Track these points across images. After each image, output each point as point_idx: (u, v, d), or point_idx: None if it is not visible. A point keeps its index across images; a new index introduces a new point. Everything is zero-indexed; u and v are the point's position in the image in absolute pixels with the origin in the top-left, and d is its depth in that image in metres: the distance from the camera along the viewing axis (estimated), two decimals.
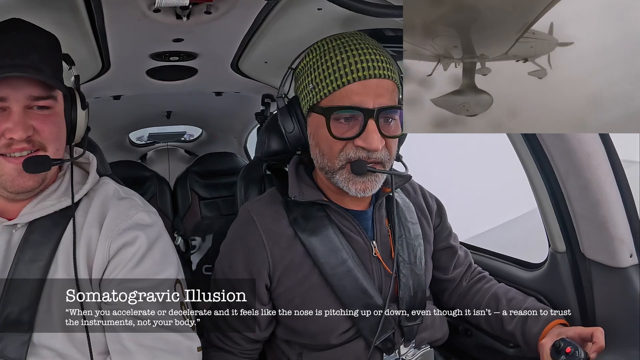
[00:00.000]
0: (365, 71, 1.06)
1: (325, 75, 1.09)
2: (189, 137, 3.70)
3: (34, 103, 0.96)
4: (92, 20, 1.27)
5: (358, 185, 1.10)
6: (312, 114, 1.13)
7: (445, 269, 1.37)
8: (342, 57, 1.08)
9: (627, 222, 1.13)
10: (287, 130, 1.17)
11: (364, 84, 1.06)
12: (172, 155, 3.61)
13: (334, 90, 1.08)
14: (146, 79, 1.97)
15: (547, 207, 1.26)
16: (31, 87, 0.94)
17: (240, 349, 1.20)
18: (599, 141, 1.09)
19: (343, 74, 1.07)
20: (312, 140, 1.15)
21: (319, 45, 1.14)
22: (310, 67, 1.12)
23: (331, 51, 1.10)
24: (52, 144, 0.98)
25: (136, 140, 3.59)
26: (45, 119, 0.97)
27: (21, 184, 0.97)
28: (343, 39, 1.12)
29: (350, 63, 1.07)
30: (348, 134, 1.07)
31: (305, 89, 1.13)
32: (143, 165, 3.39)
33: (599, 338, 1.07)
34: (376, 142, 1.05)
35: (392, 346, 1.18)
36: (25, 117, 0.95)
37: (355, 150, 1.07)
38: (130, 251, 0.99)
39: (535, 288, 1.34)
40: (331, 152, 1.10)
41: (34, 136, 0.96)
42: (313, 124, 1.13)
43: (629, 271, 1.14)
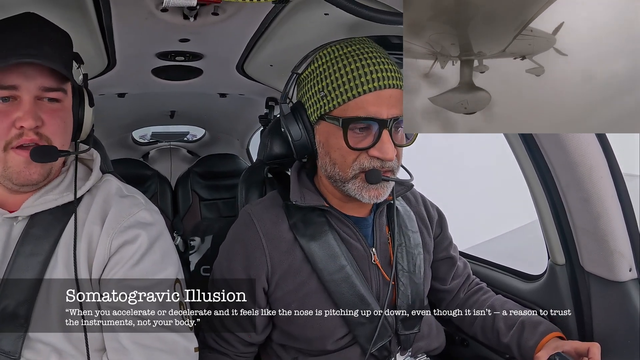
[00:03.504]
0: (380, 81, 1.06)
1: (338, 83, 1.08)
2: (191, 138, 3.70)
3: (44, 94, 0.96)
4: (100, 17, 1.27)
5: (371, 192, 1.10)
6: (322, 122, 1.11)
7: (443, 279, 1.37)
8: (357, 66, 1.07)
9: (627, 236, 1.13)
10: (295, 137, 1.14)
11: (378, 95, 1.06)
12: (174, 155, 3.62)
13: (348, 100, 1.07)
14: (151, 78, 1.97)
15: (547, 219, 1.26)
16: (43, 77, 0.95)
17: (236, 352, 1.20)
18: (602, 154, 1.09)
19: (359, 83, 1.06)
20: (321, 148, 1.14)
21: (328, 52, 1.12)
22: (320, 74, 1.11)
23: (344, 59, 1.09)
24: (58, 138, 0.99)
25: (139, 139, 3.60)
26: (54, 113, 0.98)
27: (27, 176, 0.97)
28: (354, 46, 1.11)
29: (366, 73, 1.06)
30: (362, 144, 1.07)
31: (315, 96, 1.12)
32: (145, 163, 3.39)
33: (595, 354, 1.07)
34: (391, 152, 1.06)
35: (388, 354, 1.17)
36: (36, 107, 0.96)
37: (370, 160, 1.07)
38: (131, 249, 0.99)
39: (533, 300, 1.34)
40: (344, 161, 1.09)
41: (42, 129, 0.97)
42: (323, 133, 1.12)
43: (628, 285, 1.14)
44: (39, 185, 1.01)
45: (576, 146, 1.08)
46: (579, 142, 1.08)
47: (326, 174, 1.15)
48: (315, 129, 1.14)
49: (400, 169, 1.19)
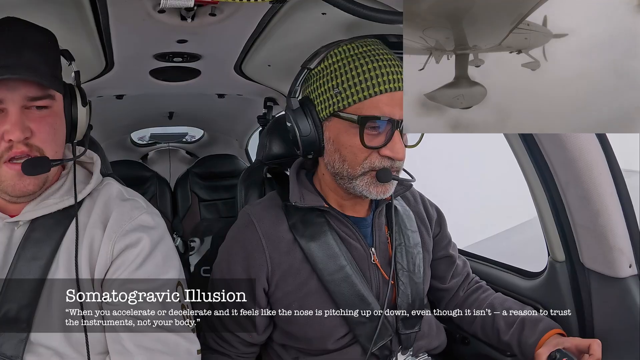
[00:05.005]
0: (394, 83, 1.07)
1: (355, 82, 1.08)
2: (190, 139, 3.70)
3: (31, 103, 0.94)
4: (97, 19, 1.27)
5: (379, 189, 1.11)
6: (333, 118, 1.11)
7: (443, 278, 1.37)
8: (374, 66, 1.08)
9: (627, 232, 1.13)
10: (303, 132, 1.13)
11: (392, 95, 1.07)
12: (173, 156, 3.62)
13: (364, 99, 1.07)
14: (149, 79, 1.97)
15: (547, 216, 1.26)
16: (27, 87, 0.92)
17: (237, 352, 1.20)
18: (600, 151, 1.10)
19: (375, 83, 1.07)
20: (330, 145, 1.13)
21: (344, 50, 1.12)
22: (335, 71, 1.11)
23: (361, 58, 1.09)
24: (49, 146, 0.96)
25: (138, 140, 3.60)
26: (43, 120, 0.95)
27: (22, 188, 0.96)
28: (369, 46, 1.11)
29: (383, 73, 1.07)
30: (374, 143, 1.08)
31: (327, 92, 1.11)
32: (144, 165, 3.39)
33: (596, 350, 1.07)
34: (402, 152, 1.08)
35: (389, 353, 1.17)
36: (23, 117, 0.93)
37: (381, 160, 1.08)
38: (133, 253, 0.99)
39: (533, 297, 1.34)
40: (355, 159, 1.10)
41: (32, 139, 0.94)
42: (333, 129, 1.12)
43: (628, 281, 1.14)
44: (37, 194, 1.00)
45: (575, 143, 1.08)
46: (578, 139, 1.08)
47: (332, 171, 1.14)
48: (325, 125, 1.13)
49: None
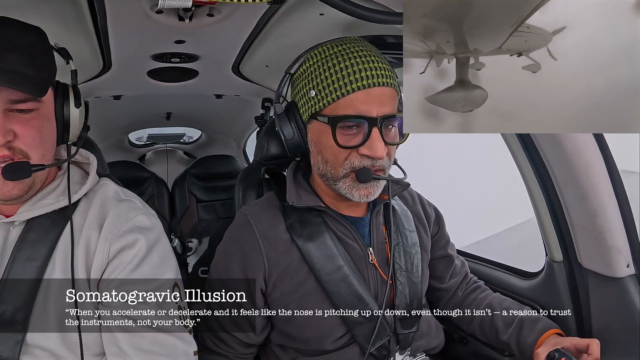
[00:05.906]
0: (369, 79, 1.06)
1: (328, 82, 1.08)
2: (188, 139, 3.70)
3: (14, 107, 0.91)
4: (95, 19, 1.27)
5: (362, 191, 1.10)
6: (313, 121, 1.12)
7: (441, 278, 1.37)
8: (347, 65, 1.07)
9: (625, 232, 1.13)
10: (287, 136, 1.16)
11: (368, 93, 1.06)
12: (170, 157, 3.62)
13: (338, 99, 1.07)
14: (147, 80, 1.97)
15: (544, 217, 1.26)
16: (9, 90, 0.88)
17: (235, 353, 1.20)
18: (598, 151, 1.10)
19: (347, 82, 1.06)
20: (313, 147, 1.14)
21: (320, 51, 1.13)
22: (311, 74, 1.12)
23: (334, 58, 1.10)
24: (35, 149, 0.93)
25: (135, 141, 3.60)
26: (27, 123, 0.92)
27: (6, 192, 0.93)
28: (344, 45, 1.12)
29: (355, 71, 1.06)
30: (352, 143, 1.07)
31: (306, 95, 1.12)
32: (141, 166, 3.38)
33: (594, 350, 1.07)
34: (381, 150, 1.06)
35: (387, 353, 1.17)
36: (6, 120, 0.89)
37: (360, 159, 1.07)
38: (129, 254, 0.99)
39: (531, 297, 1.34)
40: (336, 160, 1.09)
41: (15, 142, 0.91)
42: (315, 131, 1.13)
43: (626, 281, 1.14)
44: (24, 198, 0.98)
45: (572, 143, 1.08)
46: (576, 139, 1.08)
47: (319, 172, 1.15)
48: (308, 127, 1.15)
49: (395, 168, 1.20)
